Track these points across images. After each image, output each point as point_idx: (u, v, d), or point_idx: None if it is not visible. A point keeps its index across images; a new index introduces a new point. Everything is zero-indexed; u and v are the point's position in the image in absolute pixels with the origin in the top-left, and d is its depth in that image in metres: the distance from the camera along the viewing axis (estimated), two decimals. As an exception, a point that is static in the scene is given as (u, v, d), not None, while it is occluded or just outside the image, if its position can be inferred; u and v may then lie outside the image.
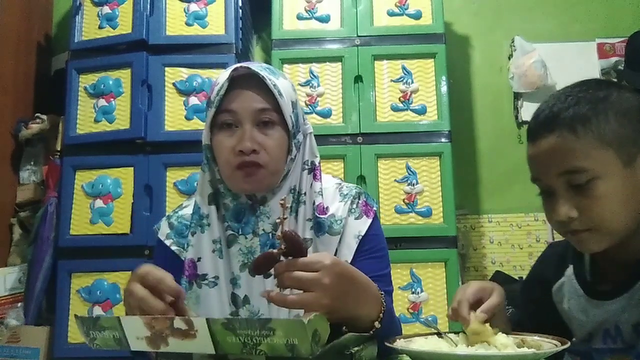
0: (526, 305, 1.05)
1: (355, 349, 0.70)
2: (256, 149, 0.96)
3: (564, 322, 0.94)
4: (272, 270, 0.79)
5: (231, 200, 1.01)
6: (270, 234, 1.00)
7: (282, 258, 0.78)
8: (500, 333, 0.75)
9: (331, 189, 1.08)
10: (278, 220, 0.79)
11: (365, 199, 1.08)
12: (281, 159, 1.00)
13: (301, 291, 0.76)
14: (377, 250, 1.05)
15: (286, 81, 1.03)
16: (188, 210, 1.07)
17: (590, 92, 0.82)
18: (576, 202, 0.79)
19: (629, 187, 0.79)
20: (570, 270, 0.94)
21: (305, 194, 1.03)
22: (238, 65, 0.99)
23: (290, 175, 1.03)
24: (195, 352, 0.69)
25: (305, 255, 0.78)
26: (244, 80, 0.98)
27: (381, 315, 0.87)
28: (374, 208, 1.08)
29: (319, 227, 1.01)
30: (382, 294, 0.90)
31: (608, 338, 0.86)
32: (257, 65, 1.00)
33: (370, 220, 1.06)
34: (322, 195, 1.03)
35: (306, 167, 1.05)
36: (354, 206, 1.06)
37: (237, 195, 1.01)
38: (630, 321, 0.83)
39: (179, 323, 0.65)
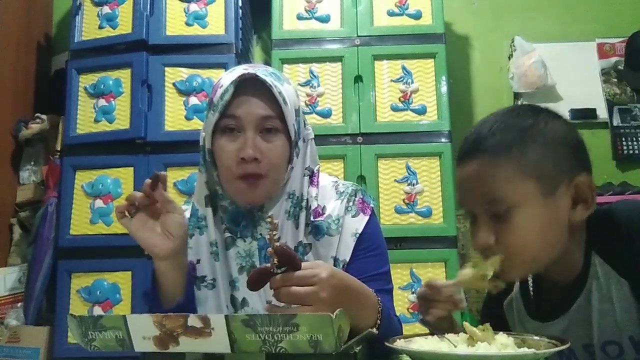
0: (483, 319, 1.06)
1: (357, 348, 0.70)
2: (258, 157, 0.95)
3: None
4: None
5: (229, 204, 1.01)
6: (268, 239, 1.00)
7: (276, 270, 0.78)
8: (500, 333, 0.75)
9: (327, 187, 1.07)
10: (268, 237, 0.79)
11: (361, 197, 1.07)
12: (282, 167, 0.99)
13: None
14: (374, 248, 1.05)
15: (290, 87, 1.01)
16: (186, 214, 1.06)
17: (517, 120, 0.82)
18: (495, 229, 0.79)
19: (548, 217, 0.79)
20: (517, 286, 0.95)
21: (305, 199, 1.02)
22: (244, 71, 0.97)
23: (289, 181, 1.02)
24: (207, 352, 0.67)
25: (299, 267, 0.78)
26: (249, 86, 0.96)
27: (378, 321, 0.87)
28: (371, 205, 1.08)
29: (317, 230, 1.01)
30: (378, 300, 0.90)
31: (563, 358, 0.87)
32: (262, 71, 0.98)
33: (367, 218, 1.05)
34: (317, 200, 1.03)
35: (307, 173, 1.04)
36: (351, 204, 1.05)
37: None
38: (578, 342, 0.84)
39: (193, 321, 0.63)
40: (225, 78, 0.98)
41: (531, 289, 0.93)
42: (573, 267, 0.84)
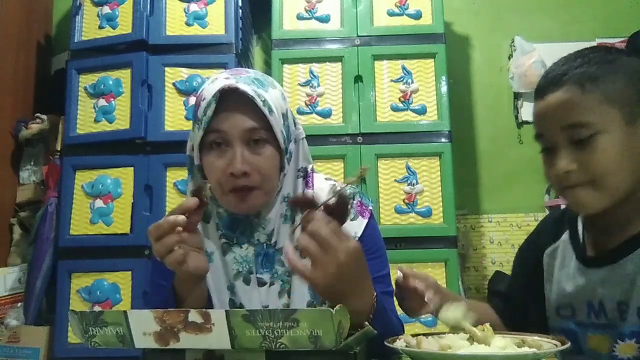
0: (517, 273, 1.07)
1: (358, 348, 0.70)
2: (247, 171, 0.93)
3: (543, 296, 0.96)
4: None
5: (225, 210, 1.00)
6: (265, 244, 0.99)
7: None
8: (497, 336, 0.75)
9: (325, 190, 1.05)
10: (356, 176, 0.80)
11: (360, 199, 1.06)
12: (274, 177, 0.97)
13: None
14: (374, 250, 1.04)
15: (276, 91, 0.99)
16: None
17: (599, 55, 0.85)
18: (577, 156, 0.82)
19: (628, 146, 0.81)
20: (566, 235, 0.95)
21: None
22: (226, 81, 0.94)
23: (283, 186, 1.01)
24: (208, 348, 0.67)
25: (342, 223, 0.79)
26: (231, 97, 0.93)
27: (371, 315, 0.87)
28: (370, 207, 1.07)
29: None
30: (375, 297, 0.89)
31: (592, 313, 0.87)
32: (244, 79, 0.95)
33: (365, 221, 1.04)
34: None
35: (300, 174, 1.02)
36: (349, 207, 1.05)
37: None
38: (613, 298, 0.84)
39: (194, 316, 0.63)
40: (207, 90, 0.95)
41: (581, 233, 0.93)
42: (637, 218, 0.85)
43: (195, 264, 0.87)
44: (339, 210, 0.78)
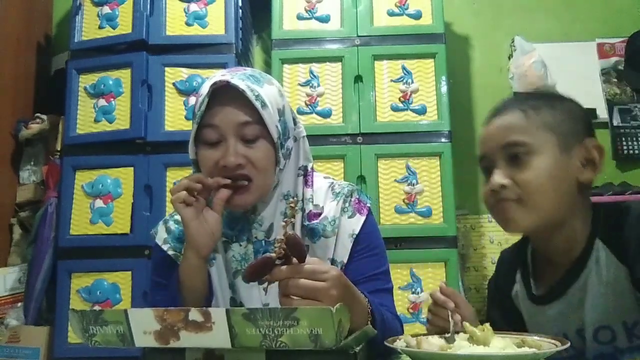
0: (492, 312, 1.09)
1: (358, 348, 0.70)
2: (241, 163, 0.93)
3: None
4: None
5: (224, 208, 1.00)
6: (263, 241, 0.99)
7: (277, 263, 0.78)
8: (497, 336, 0.75)
9: (324, 189, 1.06)
10: (283, 223, 0.79)
11: (357, 196, 1.06)
12: (269, 171, 0.97)
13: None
14: (372, 247, 1.04)
15: (272, 87, 0.99)
16: None
17: (545, 95, 0.97)
18: (511, 172, 0.88)
19: (560, 170, 0.88)
20: (519, 275, 1.00)
21: (300, 200, 1.01)
22: (221, 77, 0.95)
23: (282, 182, 1.01)
24: (208, 347, 0.67)
25: (304, 261, 0.78)
26: (226, 93, 0.94)
27: (368, 323, 0.87)
28: (368, 204, 1.07)
29: (313, 233, 1.00)
30: (369, 307, 0.90)
31: None
32: (239, 75, 0.96)
33: (363, 218, 1.04)
34: (312, 202, 1.02)
35: (301, 172, 1.02)
36: (347, 205, 1.04)
37: None
38: (572, 326, 0.88)
39: (194, 315, 0.63)
40: (204, 87, 0.97)
41: (530, 270, 0.98)
42: (574, 247, 0.89)
43: (210, 218, 0.92)
44: (294, 249, 0.77)
